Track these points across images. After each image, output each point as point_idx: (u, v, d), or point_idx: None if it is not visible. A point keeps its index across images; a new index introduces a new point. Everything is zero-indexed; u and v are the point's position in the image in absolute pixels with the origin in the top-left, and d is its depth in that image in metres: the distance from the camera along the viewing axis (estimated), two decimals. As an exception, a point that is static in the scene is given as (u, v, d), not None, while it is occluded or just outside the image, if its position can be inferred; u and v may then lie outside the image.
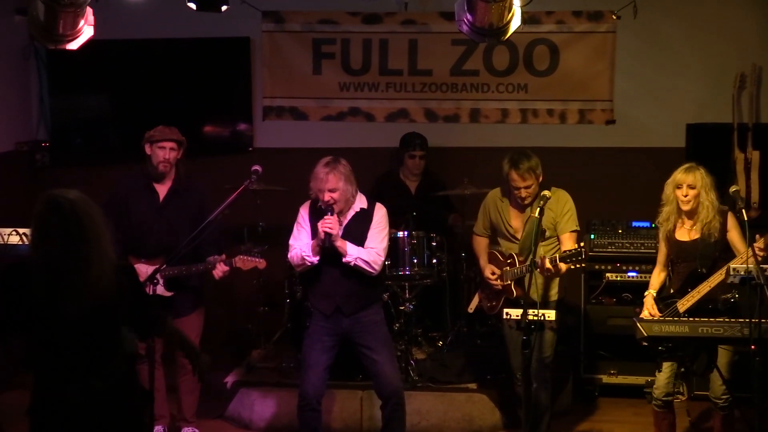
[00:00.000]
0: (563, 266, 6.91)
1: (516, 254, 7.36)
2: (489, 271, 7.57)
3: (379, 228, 7.19)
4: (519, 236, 7.44)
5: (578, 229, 7.43)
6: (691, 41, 9.63)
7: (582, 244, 7.02)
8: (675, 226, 7.05)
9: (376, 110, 10.07)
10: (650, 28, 9.57)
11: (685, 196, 6.91)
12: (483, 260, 7.73)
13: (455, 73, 9.93)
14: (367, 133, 10.01)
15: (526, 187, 7.26)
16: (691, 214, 6.96)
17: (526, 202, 7.34)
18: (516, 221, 7.49)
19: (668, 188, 7.02)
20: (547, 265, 6.88)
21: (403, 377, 8.10)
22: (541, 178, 7.35)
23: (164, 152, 7.67)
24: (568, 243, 7.23)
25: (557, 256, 6.92)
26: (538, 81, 9.84)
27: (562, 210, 7.31)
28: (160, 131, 7.71)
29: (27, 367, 5.14)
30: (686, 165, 7.00)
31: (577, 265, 6.87)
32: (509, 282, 7.37)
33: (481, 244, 7.80)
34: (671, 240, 7.06)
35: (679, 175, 6.96)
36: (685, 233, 7.02)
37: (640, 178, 9.48)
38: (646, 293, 7.18)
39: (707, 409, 7.76)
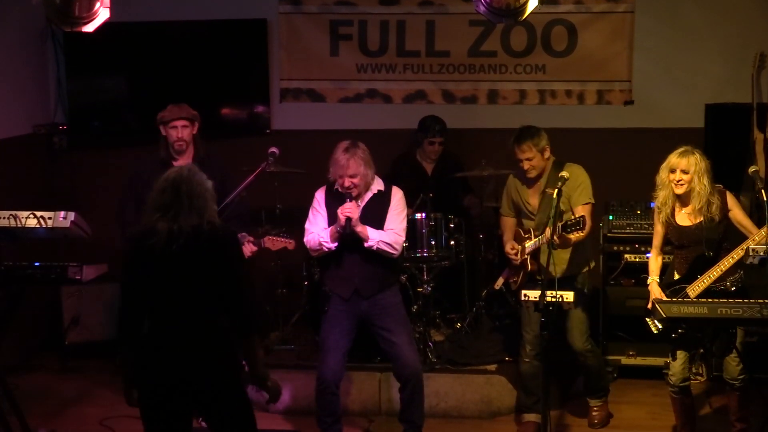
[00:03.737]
0: (568, 236, 6.99)
1: (533, 229, 7.51)
2: (509, 246, 7.74)
3: (397, 210, 7.19)
4: (536, 213, 7.58)
5: (591, 201, 7.52)
6: (710, 21, 9.57)
7: (583, 214, 7.07)
8: (673, 210, 7.01)
9: (394, 92, 10.07)
10: (668, 7, 9.53)
11: (678, 180, 6.86)
12: (506, 237, 7.88)
13: (473, 54, 9.91)
14: (384, 115, 10.00)
15: (527, 159, 7.45)
16: (684, 199, 6.91)
17: (530, 174, 7.51)
18: (533, 199, 7.62)
19: (663, 172, 6.96)
20: (547, 235, 6.98)
21: (422, 359, 8.10)
22: (547, 153, 7.52)
23: (177, 131, 7.66)
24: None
25: (559, 225, 6.97)
26: (556, 62, 9.82)
27: (574, 183, 7.39)
28: (170, 111, 7.69)
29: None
30: (681, 148, 6.93)
31: (579, 233, 6.93)
32: (526, 256, 7.50)
33: (507, 223, 7.93)
34: (671, 225, 7.01)
35: (673, 159, 6.90)
36: (686, 218, 6.96)
37: (659, 159, 9.35)
38: (649, 281, 7.16)
39: (726, 390, 7.76)
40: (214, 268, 5.49)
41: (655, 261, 7.20)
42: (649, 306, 6.87)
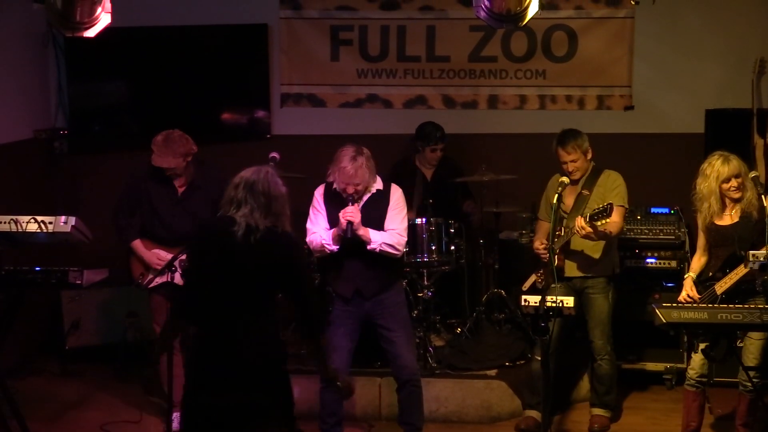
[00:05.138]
0: (596, 224, 7.21)
1: (563, 227, 7.64)
2: (538, 242, 7.88)
3: (397, 209, 7.18)
4: (569, 213, 7.71)
5: (626, 206, 7.68)
6: (710, 26, 9.59)
7: (611, 202, 7.25)
8: (714, 214, 7.03)
9: (394, 97, 10.08)
10: (669, 13, 9.53)
11: (737, 187, 6.89)
12: (537, 236, 8.01)
13: (473, 60, 9.92)
14: (384, 120, 10.00)
15: (573, 161, 7.64)
16: (739, 200, 6.95)
17: (574, 176, 7.67)
18: (569, 199, 7.74)
19: (710, 183, 6.95)
20: (580, 223, 7.23)
21: (422, 364, 8.11)
22: (589, 155, 7.74)
23: (166, 169, 7.67)
24: (614, 217, 7.42)
25: (587, 214, 7.25)
26: (557, 67, 9.83)
27: (611, 186, 7.66)
28: (158, 152, 7.61)
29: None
30: (719, 157, 6.95)
31: (605, 220, 7.14)
32: (556, 251, 7.56)
33: (542, 226, 8.02)
34: (711, 227, 7.05)
35: (723, 169, 6.89)
36: (726, 218, 7.02)
37: (659, 164, 9.46)
38: (685, 276, 7.27)
39: (727, 395, 7.75)
40: (281, 270, 5.64)
41: (697, 260, 7.28)
42: (680, 298, 7.09)
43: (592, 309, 7.74)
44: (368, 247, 7.00)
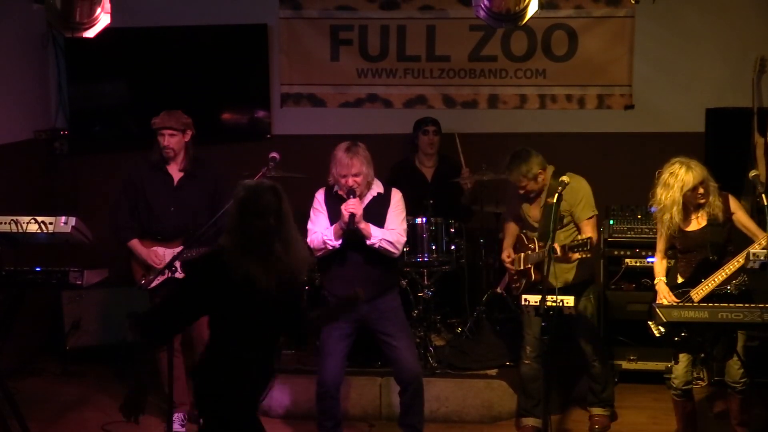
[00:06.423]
0: (573, 255, 7.05)
1: (537, 240, 7.53)
2: (505, 254, 7.83)
3: (397, 210, 7.21)
4: (538, 224, 7.60)
5: (596, 213, 7.57)
6: (711, 25, 9.58)
7: (589, 235, 7.15)
8: (677, 224, 6.97)
9: (394, 96, 10.08)
10: (669, 12, 9.53)
11: (702, 194, 6.85)
12: (506, 243, 7.93)
13: (473, 59, 9.92)
14: (385, 120, 10.00)
15: (523, 186, 7.50)
16: (704, 205, 6.91)
17: (531, 196, 7.58)
18: (534, 211, 7.66)
19: (674, 193, 6.84)
20: (558, 253, 7.03)
21: (422, 364, 8.10)
22: (541, 176, 7.52)
23: (164, 139, 7.72)
24: (587, 229, 7.43)
25: (566, 244, 7.05)
26: (557, 66, 9.83)
27: (576, 197, 7.44)
28: (161, 118, 7.74)
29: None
30: (681, 166, 6.85)
31: (585, 255, 7.01)
32: (530, 266, 7.54)
33: (509, 228, 7.98)
34: (678, 234, 6.99)
35: (688, 178, 6.78)
36: (693, 223, 6.96)
37: (660, 163, 9.36)
38: (656, 281, 7.16)
39: (727, 394, 7.76)
40: None
41: (660, 264, 7.20)
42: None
43: (576, 314, 7.67)
44: (368, 242, 7.00)
